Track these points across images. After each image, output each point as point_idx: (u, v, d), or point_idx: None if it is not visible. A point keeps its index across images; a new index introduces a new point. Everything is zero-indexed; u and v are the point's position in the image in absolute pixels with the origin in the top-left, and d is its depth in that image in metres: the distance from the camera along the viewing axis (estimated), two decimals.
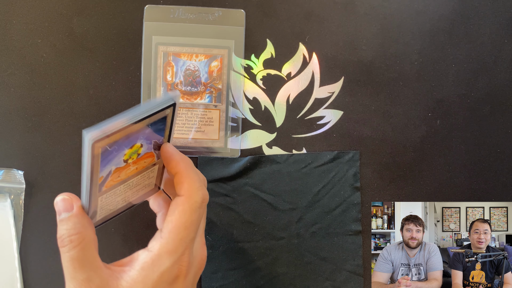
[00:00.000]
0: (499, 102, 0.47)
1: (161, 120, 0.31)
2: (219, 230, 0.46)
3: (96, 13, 0.45)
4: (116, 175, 0.31)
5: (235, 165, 0.46)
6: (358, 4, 0.46)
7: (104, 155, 0.29)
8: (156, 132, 0.32)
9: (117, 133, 0.29)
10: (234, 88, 0.46)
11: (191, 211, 0.32)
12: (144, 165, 0.33)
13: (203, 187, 0.33)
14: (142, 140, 0.31)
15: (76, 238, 0.29)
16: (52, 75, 0.45)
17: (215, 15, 0.45)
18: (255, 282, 0.46)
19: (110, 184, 0.32)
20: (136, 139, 0.31)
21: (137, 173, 0.33)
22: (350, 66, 0.46)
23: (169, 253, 0.31)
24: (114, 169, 0.31)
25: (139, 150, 0.31)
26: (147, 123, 0.30)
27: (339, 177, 0.46)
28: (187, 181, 0.32)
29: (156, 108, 0.30)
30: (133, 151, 0.31)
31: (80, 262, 0.29)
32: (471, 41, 0.47)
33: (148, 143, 0.32)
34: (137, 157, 0.32)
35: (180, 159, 0.33)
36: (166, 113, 0.31)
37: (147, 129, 0.31)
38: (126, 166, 0.31)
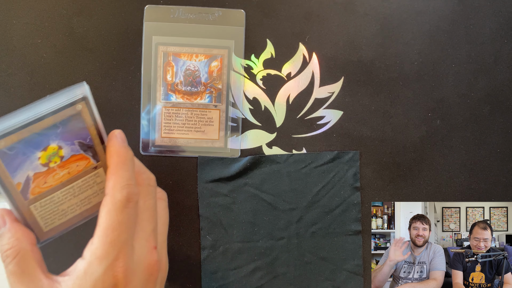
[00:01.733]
0: (499, 102, 0.47)
1: (75, 118, 0.29)
2: (219, 230, 0.46)
3: (96, 13, 0.45)
4: (41, 181, 0.30)
5: (235, 165, 0.46)
6: (358, 4, 0.46)
7: (7, 159, 0.28)
8: (76, 131, 0.30)
9: (12, 136, 0.27)
10: (234, 88, 0.46)
11: (115, 211, 0.29)
12: (78, 169, 0.31)
13: (130, 186, 0.30)
14: (58, 141, 0.30)
15: (10, 253, 0.29)
16: (52, 75, 0.45)
17: (215, 15, 0.45)
18: (255, 282, 0.46)
19: (38, 192, 0.31)
20: (46, 140, 0.29)
21: (74, 178, 0.32)
22: (350, 66, 0.46)
23: (99, 260, 0.29)
24: (33, 174, 0.30)
25: (59, 153, 0.30)
26: (52, 122, 0.28)
27: (339, 177, 0.46)
28: (113, 178, 0.30)
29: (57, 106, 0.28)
30: (51, 154, 0.30)
31: (18, 276, 0.28)
32: (471, 41, 0.47)
33: (70, 144, 0.30)
34: (61, 160, 0.30)
35: (115, 152, 0.31)
36: (77, 109, 0.29)
37: (58, 129, 0.29)
38: (50, 171, 0.30)
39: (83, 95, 0.29)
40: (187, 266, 0.46)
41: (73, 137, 0.30)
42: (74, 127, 0.30)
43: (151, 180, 0.34)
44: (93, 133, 0.31)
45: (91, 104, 0.30)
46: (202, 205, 0.46)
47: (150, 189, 0.33)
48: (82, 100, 0.29)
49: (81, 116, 0.30)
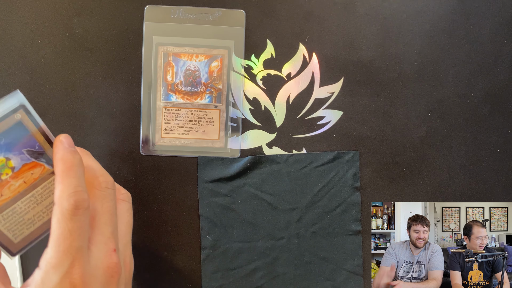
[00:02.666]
0: (499, 102, 0.47)
1: (17, 127, 0.29)
2: (219, 230, 0.46)
3: (96, 13, 0.45)
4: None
5: (235, 165, 0.46)
6: (358, 4, 0.46)
7: None
8: (21, 140, 0.29)
9: None
10: (234, 88, 0.46)
11: (64, 220, 0.29)
12: (34, 176, 0.31)
13: (77, 193, 0.30)
14: (4, 153, 0.29)
15: None
16: (52, 75, 0.45)
17: (215, 15, 0.45)
18: (255, 282, 0.46)
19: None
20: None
21: (32, 186, 0.31)
22: (350, 66, 0.46)
23: (54, 268, 0.29)
24: None
25: (9, 164, 0.30)
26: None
27: (339, 177, 0.46)
28: (59, 187, 0.30)
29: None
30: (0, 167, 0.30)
31: None
32: (471, 41, 0.47)
33: (18, 154, 0.30)
34: (13, 171, 0.30)
35: (60, 159, 0.30)
36: (16, 118, 0.29)
37: (1, 141, 0.29)
38: (3, 183, 0.30)
39: (19, 103, 0.29)
40: (187, 266, 0.46)
41: (20, 146, 0.30)
42: (18, 136, 0.29)
43: (108, 183, 0.33)
44: (40, 139, 0.31)
45: (30, 110, 0.29)
46: (202, 205, 0.46)
47: (107, 191, 0.33)
48: (20, 108, 0.29)
49: (23, 124, 0.29)
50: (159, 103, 0.45)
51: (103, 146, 0.45)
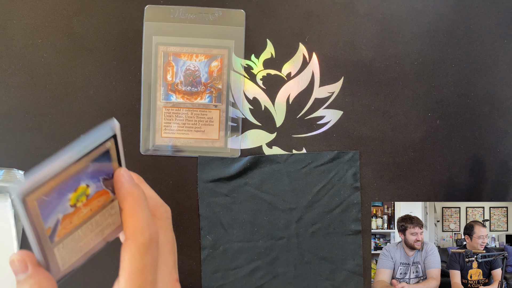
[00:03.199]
0: (499, 102, 0.47)
1: (104, 155, 0.29)
2: (219, 230, 0.46)
3: (96, 13, 0.45)
4: (67, 222, 0.29)
5: (235, 165, 0.46)
6: (358, 4, 0.46)
7: (43, 205, 0.27)
8: (101, 168, 0.29)
9: (51, 181, 0.26)
10: (234, 88, 0.46)
11: (140, 254, 0.29)
12: (98, 204, 0.31)
13: (150, 226, 0.30)
14: (87, 180, 0.29)
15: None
16: (52, 75, 0.45)
17: (215, 15, 0.45)
18: (255, 282, 0.46)
19: (63, 233, 0.30)
20: (78, 181, 0.28)
21: (94, 214, 0.31)
22: (350, 66, 0.46)
23: None
24: (62, 216, 0.29)
25: (86, 191, 0.29)
26: (86, 162, 0.28)
27: (339, 177, 0.46)
28: (131, 221, 0.29)
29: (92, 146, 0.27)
30: (79, 194, 0.29)
31: None
32: (471, 41, 0.47)
33: (96, 181, 0.30)
34: (86, 199, 0.30)
35: (127, 193, 0.30)
36: (107, 146, 0.29)
37: (89, 168, 0.28)
38: (76, 211, 0.30)
39: (113, 132, 0.29)
40: (187, 266, 0.46)
41: (100, 173, 0.30)
42: (102, 164, 0.29)
43: (168, 213, 0.33)
44: (115, 167, 0.30)
45: (118, 140, 0.29)
46: (202, 205, 0.46)
47: (168, 221, 0.33)
48: (112, 138, 0.29)
49: (109, 153, 0.29)
50: (159, 103, 0.45)
51: None
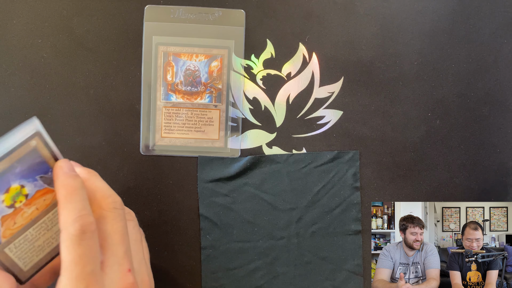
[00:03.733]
0: (499, 102, 0.47)
1: (31, 154, 0.29)
2: (219, 230, 0.46)
3: (96, 13, 0.45)
4: (10, 223, 0.30)
5: (235, 165, 0.46)
6: (358, 4, 0.46)
7: None
8: (34, 167, 0.29)
9: None
10: (234, 88, 0.46)
11: (73, 245, 0.29)
12: (46, 203, 0.31)
13: (82, 216, 0.29)
14: (19, 180, 0.29)
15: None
16: (52, 75, 0.45)
17: (215, 15, 0.45)
18: (255, 282, 0.46)
19: (10, 233, 0.30)
20: (6, 182, 0.28)
21: (43, 213, 0.31)
22: (350, 66, 0.46)
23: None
24: (0, 217, 0.29)
25: (23, 191, 0.29)
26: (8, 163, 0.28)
27: (339, 177, 0.46)
28: (63, 213, 0.29)
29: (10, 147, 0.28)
30: (14, 195, 0.29)
31: None
32: (471, 41, 0.47)
33: (33, 181, 0.30)
34: (26, 199, 0.30)
35: (61, 185, 0.30)
36: (31, 145, 0.29)
37: (16, 168, 0.29)
38: (17, 211, 0.30)
39: (35, 130, 0.29)
40: (187, 266, 0.46)
41: (34, 173, 0.30)
42: (32, 163, 0.29)
43: (117, 203, 0.33)
44: (52, 164, 0.30)
45: (45, 137, 0.29)
46: (202, 205, 0.46)
47: (116, 212, 0.33)
48: (35, 135, 0.29)
49: (38, 151, 0.29)
50: (159, 103, 0.45)
51: (103, 146, 0.45)
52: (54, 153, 0.30)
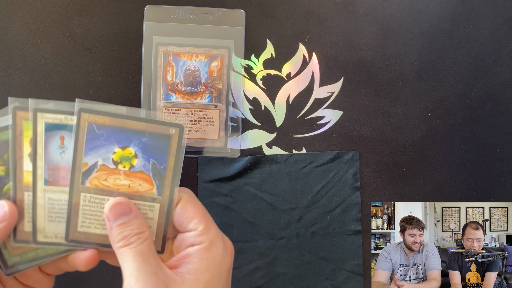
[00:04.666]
0: (499, 102, 0.47)
1: (164, 138, 0.31)
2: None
3: (96, 13, 0.45)
4: (102, 175, 0.31)
5: (235, 165, 0.46)
6: (358, 4, 0.46)
7: (90, 136, 0.29)
8: (157, 150, 0.31)
9: (106, 117, 0.29)
10: (234, 88, 0.46)
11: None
12: (139, 188, 0.32)
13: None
14: (137, 148, 0.31)
15: (143, 235, 0.30)
16: (52, 75, 0.45)
17: (215, 15, 0.45)
18: (255, 282, 0.46)
19: (95, 184, 0.31)
20: (128, 141, 0.30)
21: (130, 195, 0.31)
22: (350, 66, 0.46)
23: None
24: (101, 164, 0.30)
25: (132, 160, 0.31)
26: (142, 127, 0.30)
27: (339, 177, 0.46)
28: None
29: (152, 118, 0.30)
30: (125, 156, 0.31)
31: (145, 257, 0.30)
32: (471, 41, 0.47)
33: (145, 159, 0.31)
34: (129, 168, 0.31)
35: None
36: (170, 132, 0.31)
37: (145, 138, 0.30)
38: (115, 172, 0.31)
39: (182, 126, 0.31)
40: None
41: (152, 154, 0.31)
42: (158, 145, 0.31)
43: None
44: (169, 164, 0.32)
45: (183, 138, 0.31)
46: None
47: None
48: (177, 127, 0.31)
49: (169, 141, 0.31)
50: (159, 103, 0.45)
51: None
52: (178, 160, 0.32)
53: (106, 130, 0.30)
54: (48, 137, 0.30)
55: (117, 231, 0.30)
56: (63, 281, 0.45)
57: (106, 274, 0.46)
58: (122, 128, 0.30)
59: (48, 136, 0.30)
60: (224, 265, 0.32)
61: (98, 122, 0.29)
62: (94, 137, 0.29)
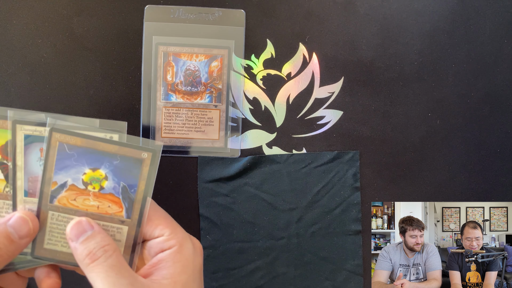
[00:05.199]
0: (499, 102, 0.47)
1: (135, 162, 0.31)
2: (219, 230, 0.46)
3: (96, 13, 0.45)
4: (71, 196, 0.31)
5: (235, 165, 0.46)
6: (358, 4, 0.46)
7: (61, 155, 0.29)
8: (128, 173, 0.31)
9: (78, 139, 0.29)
10: (234, 88, 0.46)
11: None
12: (108, 210, 0.32)
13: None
14: (108, 170, 0.31)
15: (109, 248, 0.30)
16: (52, 75, 0.45)
17: (215, 15, 0.45)
18: (255, 282, 0.46)
19: (64, 204, 0.31)
20: (100, 162, 0.30)
21: (98, 216, 0.32)
22: (350, 66, 0.46)
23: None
24: (71, 184, 0.30)
25: (102, 182, 0.31)
26: (114, 150, 0.30)
27: (339, 177, 0.46)
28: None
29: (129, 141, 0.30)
30: (95, 177, 0.31)
31: (117, 269, 0.29)
32: (471, 41, 0.47)
33: (115, 182, 0.31)
34: (99, 190, 0.31)
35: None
36: (142, 156, 0.31)
37: (116, 160, 0.30)
38: (84, 193, 0.31)
39: (155, 150, 0.31)
40: None
41: (123, 177, 0.31)
42: (129, 169, 0.31)
43: None
44: (140, 188, 0.32)
45: (155, 164, 0.31)
46: (202, 205, 0.46)
47: None
48: (150, 151, 0.31)
49: (141, 165, 0.31)
50: (159, 103, 0.45)
51: None
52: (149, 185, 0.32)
53: (78, 151, 0.30)
54: (28, 149, 0.30)
55: (81, 248, 0.30)
56: (63, 281, 0.45)
57: None
58: (93, 150, 0.30)
59: (28, 148, 0.30)
60: (196, 265, 0.32)
61: (70, 143, 0.29)
62: (65, 157, 0.30)
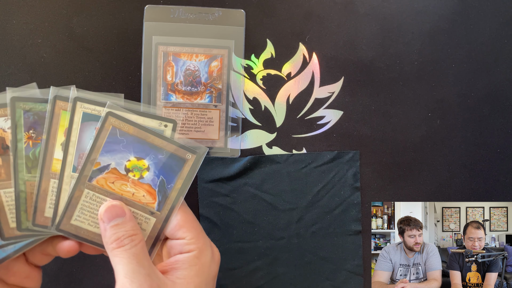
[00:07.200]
0: (499, 102, 0.47)
1: (179, 160, 0.32)
2: (219, 230, 0.46)
3: (96, 13, 0.45)
4: (111, 178, 0.32)
5: (235, 165, 0.46)
6: (358, 4, 0.46)
7: (110, 139, 0.30)
8: (169, 169, 0.32)
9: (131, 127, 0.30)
10: (234, 88, 0.46)
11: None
12: (141, 199, 0.33)
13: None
14: (151, 162, 0.32)
15: (136, 237, 0.31)
16: (52, 75, 0.45)
17: (215, 15, 0.45)
18: (255, 282, 0.46)
19: (102, 185, 0.32)
20: (145, 154, 0.31)
21: (130, 203, 0.33)
22: (350, 66, 0.46)
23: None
24: (113, 167, 0.31)
25: (143, 172, 0.32)
26: (162, 146, 0.31)
27: (339, 177, 0.46)
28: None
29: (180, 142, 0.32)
30: (138, 166, 0.32)
31: (140, 258, 0.31)
32: (471, 41, 0.47)
33: (155, 175, 0.32)
34: (138, 178, 0.32)
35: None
36: (186, 157, 0.32)
37: (162, 154, 0.32)
38: (124, 179, 0.32)
39: (199, 153, 0.32)
40: None
41: (163, 172, 0.32)
42: (171, 165, 0.32)
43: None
44: (176, 186, 0.33)
45: (196, 166, 0.33)
46: (202, 205, 0.46)
47: None
48: (195, 154, 0.32)
49: (183, 165, 0.32)
50: (159, 103, 0.45)
51: None
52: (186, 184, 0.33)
53: (128, 138, 0.31)
54: (84, 126, 0.32)
55: (110, 233, 0.31)
56: (64, 281, 0.45)
57: (106, 274, 0.46)
58: (143, 140, 0.31)
59: (84, 126, 0.32)
60: (211, 272, 0.33)
61: (122, 129, 0.31)
62: (114, 141, 0.31)
